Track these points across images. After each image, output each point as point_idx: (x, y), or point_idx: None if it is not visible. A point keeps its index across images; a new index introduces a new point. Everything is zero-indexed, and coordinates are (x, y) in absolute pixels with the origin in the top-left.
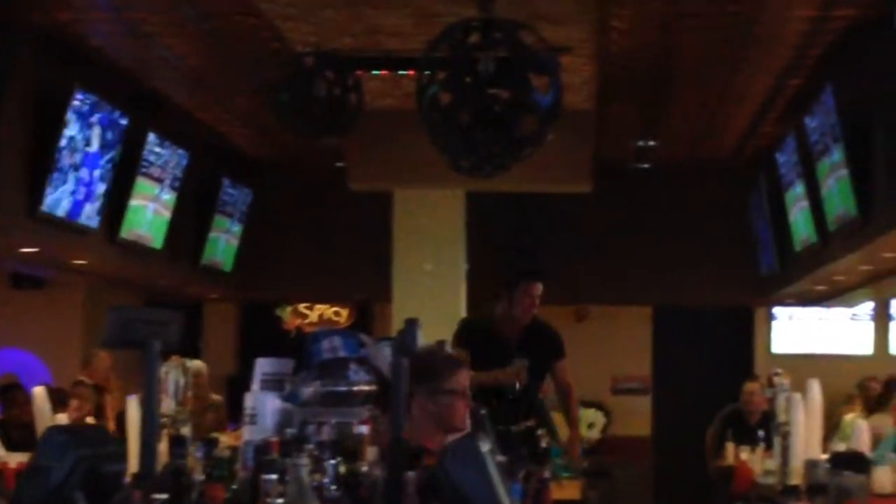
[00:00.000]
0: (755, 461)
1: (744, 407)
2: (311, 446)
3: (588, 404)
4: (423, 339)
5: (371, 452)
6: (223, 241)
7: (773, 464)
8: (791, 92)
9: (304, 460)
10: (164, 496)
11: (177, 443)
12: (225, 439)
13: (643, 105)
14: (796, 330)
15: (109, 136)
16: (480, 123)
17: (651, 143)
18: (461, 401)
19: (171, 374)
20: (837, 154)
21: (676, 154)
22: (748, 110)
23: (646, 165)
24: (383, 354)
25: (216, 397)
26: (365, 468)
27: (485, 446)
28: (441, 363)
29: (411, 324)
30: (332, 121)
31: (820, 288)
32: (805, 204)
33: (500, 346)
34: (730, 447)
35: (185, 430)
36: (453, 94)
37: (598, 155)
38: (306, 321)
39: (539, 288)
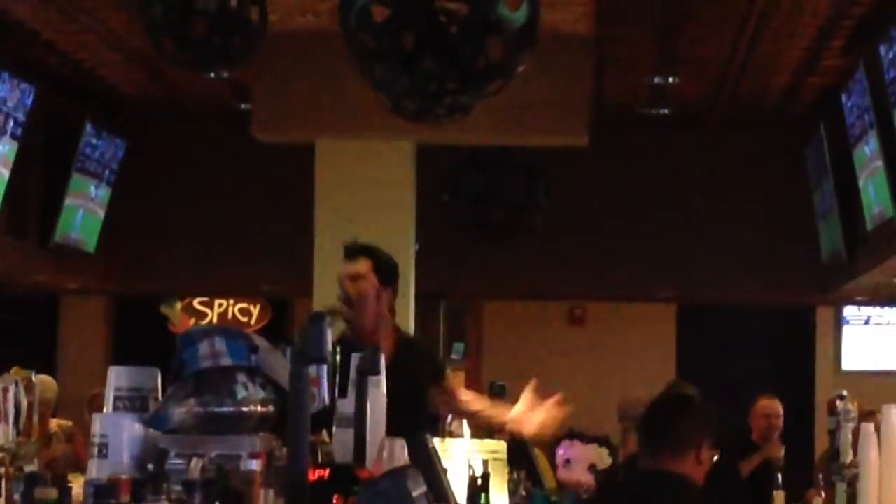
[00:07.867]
0: None
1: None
2: (176, 487)
3: (587, 438)
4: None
5: (264, 497)
6: (84, 212)
7: None
8: (860, 11)
9: None
10: None
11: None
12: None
13: (660, 28)
14: (874, 339)
15: None
16: (428, 49)
17: (670, 79)
18: None
19: (11, 393)
20: None
21: (704, 95)
22: (804, 34)
23: (664, 111)
24: (284, 362)
25: (63, 423)
26: None
27: (416, 488)
28: None
29: (317, 320)
30: (225, 46)
31: None
32: (879, 164)
33: None
34: (779, 497)
35: (31, 468)
36: (391, 8)
37: (599, 96)
38: (204, 322)
39: (357, 269)
